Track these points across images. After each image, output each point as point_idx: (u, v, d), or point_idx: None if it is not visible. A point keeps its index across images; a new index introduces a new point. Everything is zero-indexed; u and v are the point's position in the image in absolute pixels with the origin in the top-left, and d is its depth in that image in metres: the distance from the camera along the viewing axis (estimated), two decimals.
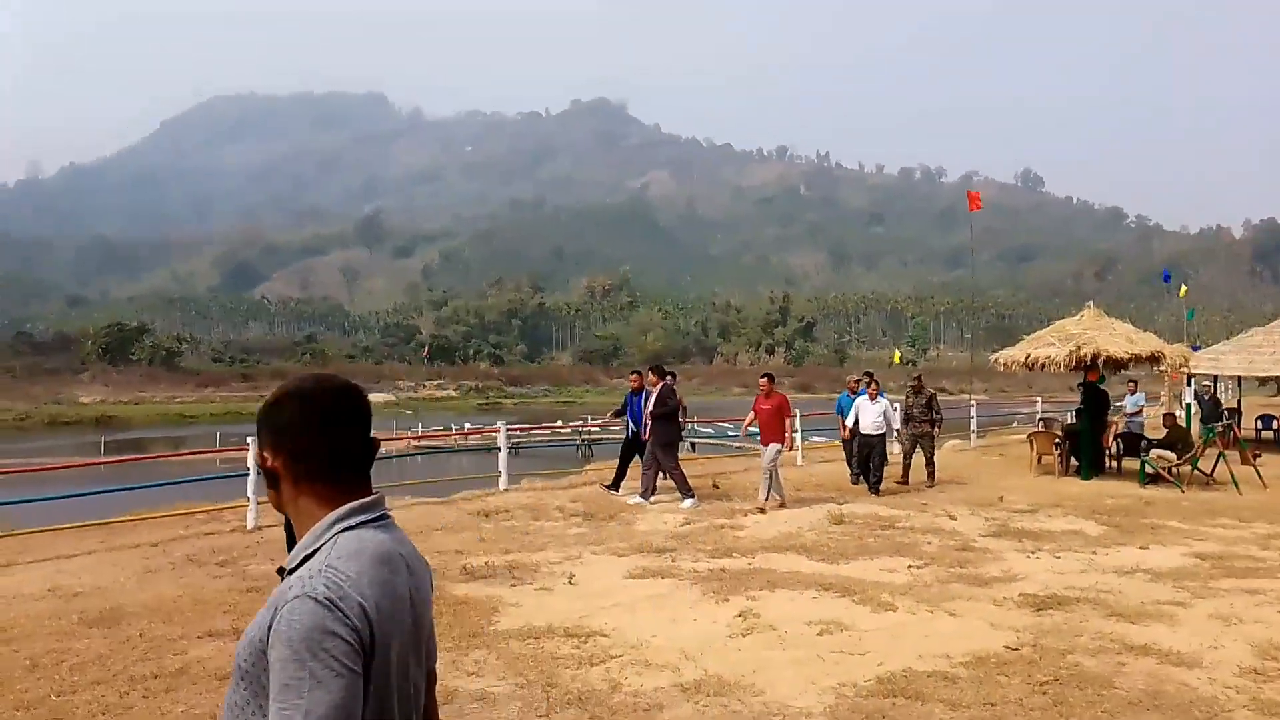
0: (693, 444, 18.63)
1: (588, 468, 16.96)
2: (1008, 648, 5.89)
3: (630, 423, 12.53)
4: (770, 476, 11.21)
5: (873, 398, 13.13)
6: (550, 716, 4.74)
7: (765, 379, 11.79)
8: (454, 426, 38.07)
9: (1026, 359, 15.86)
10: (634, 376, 12.74)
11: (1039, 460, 16.02)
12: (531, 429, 31.66)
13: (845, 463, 14.45)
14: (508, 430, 14.55)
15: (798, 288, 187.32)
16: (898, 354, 60.45)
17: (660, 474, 11.92)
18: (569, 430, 35.09)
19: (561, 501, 12.01)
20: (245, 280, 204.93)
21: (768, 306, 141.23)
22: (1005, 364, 16.46)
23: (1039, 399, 29.06)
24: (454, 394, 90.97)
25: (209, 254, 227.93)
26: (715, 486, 13.41)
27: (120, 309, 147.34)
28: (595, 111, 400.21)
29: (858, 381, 14.27)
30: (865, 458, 13.16)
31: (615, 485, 12.44)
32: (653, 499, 11.63)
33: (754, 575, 7.80)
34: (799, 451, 17.74)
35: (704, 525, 10.33)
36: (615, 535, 9.83)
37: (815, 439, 21.78)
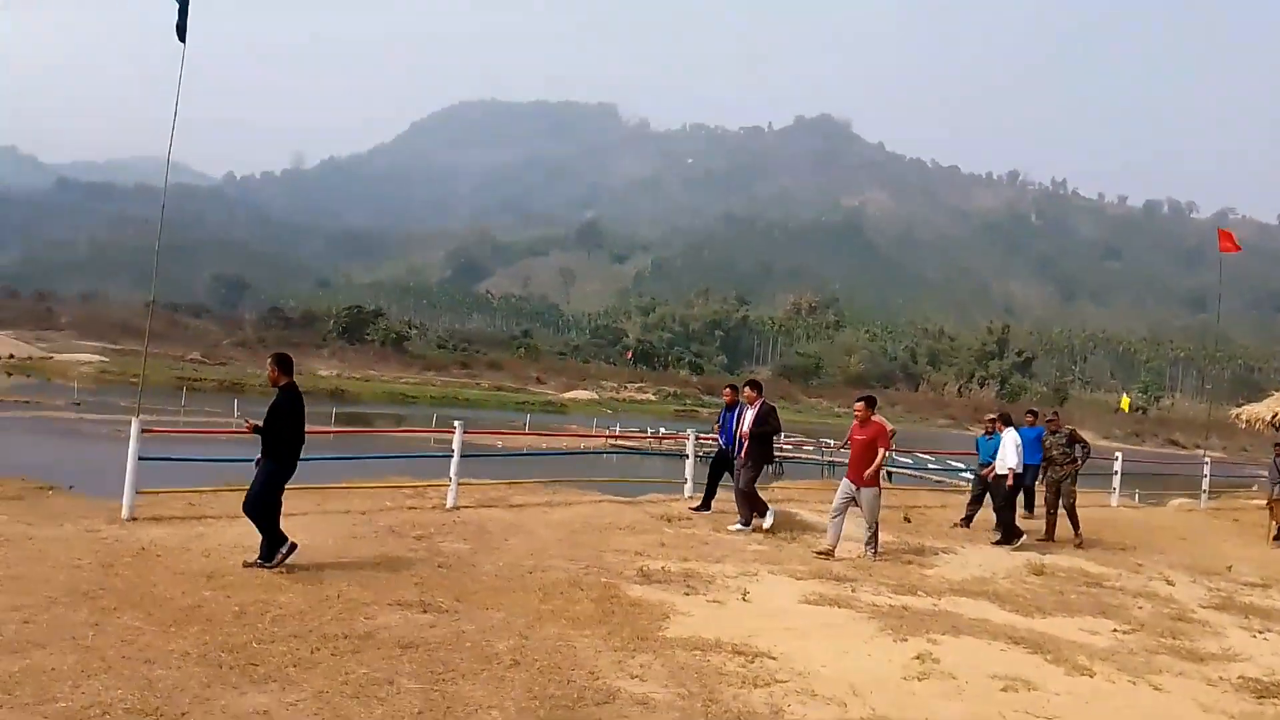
0: (889, 473, 17.93)
1: (775, 484, 16.73)
2: None
3: (721, 439, 11.81)
4: (875, 528, 9.79)
5: (989, 435, 12.06)
6: None
7: (861, 403, 10.16)
8: (650, 430, 38.60)
9: (1274, 417, 14.18)
10: (728, 391, 12.03)
11: (1279, 530, 14.30)
12: (804, 444, 31.38)
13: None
14: (697, 438, 14.55)
15: (1018, 320, 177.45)
16: (1127, 399, 55.69)
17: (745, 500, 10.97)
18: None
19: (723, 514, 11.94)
20: (472, 275, 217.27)
21: (984, 336, 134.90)
22: (1249, 420, 14.80)
23: None
24: (653, 398, 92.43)
25: (442, 248, 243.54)
26: (907, 520, 12.84)
27: (360, 293, 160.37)
28: (817, 128, 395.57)
29: (992, 422, 12.61)
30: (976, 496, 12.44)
31: (705, 505, 11.77)
32: (756, 523, 10.79)
33: (938, 617, 7.38)
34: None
35: (890, 559, 9.90)
36: (795, 557, 9.59)
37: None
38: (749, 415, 10.94)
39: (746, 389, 11.21)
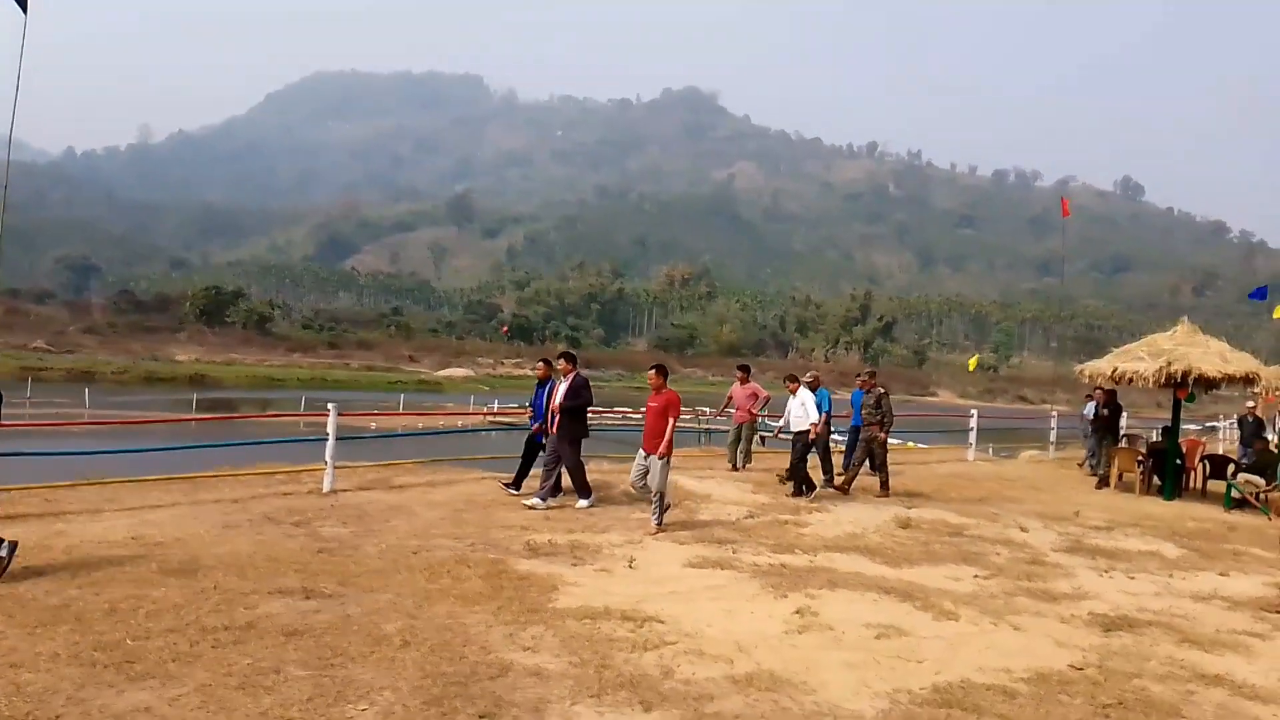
0: (762, 438, 18.44)
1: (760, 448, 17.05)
2: (1072, 667, 5.70)
3: (532, 416, 11.24)
4: (661, 498, 9.39)
5: (794, 393, 12.07)
6: (601, 697, 4.75)
7: (653, 371, 9.86)
8: (529, 405, 38.39)
9: (1114, 373, 15.24)
10: (540, 365, 11.31)
11: (1120, 477, 15.46)
12: (604, 412, 31.78)
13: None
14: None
15: (881, 287, 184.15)
16: (975, 359, 58.79)
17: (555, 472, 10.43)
18: (639, 416, 35.18)
19: (628, 485, 12.06)
20: (339, 252, 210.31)
21: (848, 304, 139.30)
22: (1090, 376, 15.87)
23: (1124, 414, 28.03)
24: (531, 373, 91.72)
25: (306, 225, 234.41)
26: (782, 482, 13.26)
27: (219, 273, 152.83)
28: (685, 101, 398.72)
29: (859, 378, 13.71)
30: (794, 460, 11.98)
31: (516, 484, 11.11)
32: (550, 501, 10.22)
33: (815, 573, 7.70)
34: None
35: (767, 520, 10.23)
36: (678, 522, 9.80)
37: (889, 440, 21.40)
38: (561, 389, 10.41)
39: (561, 361, 10.60)
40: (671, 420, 9.39)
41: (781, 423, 12.41)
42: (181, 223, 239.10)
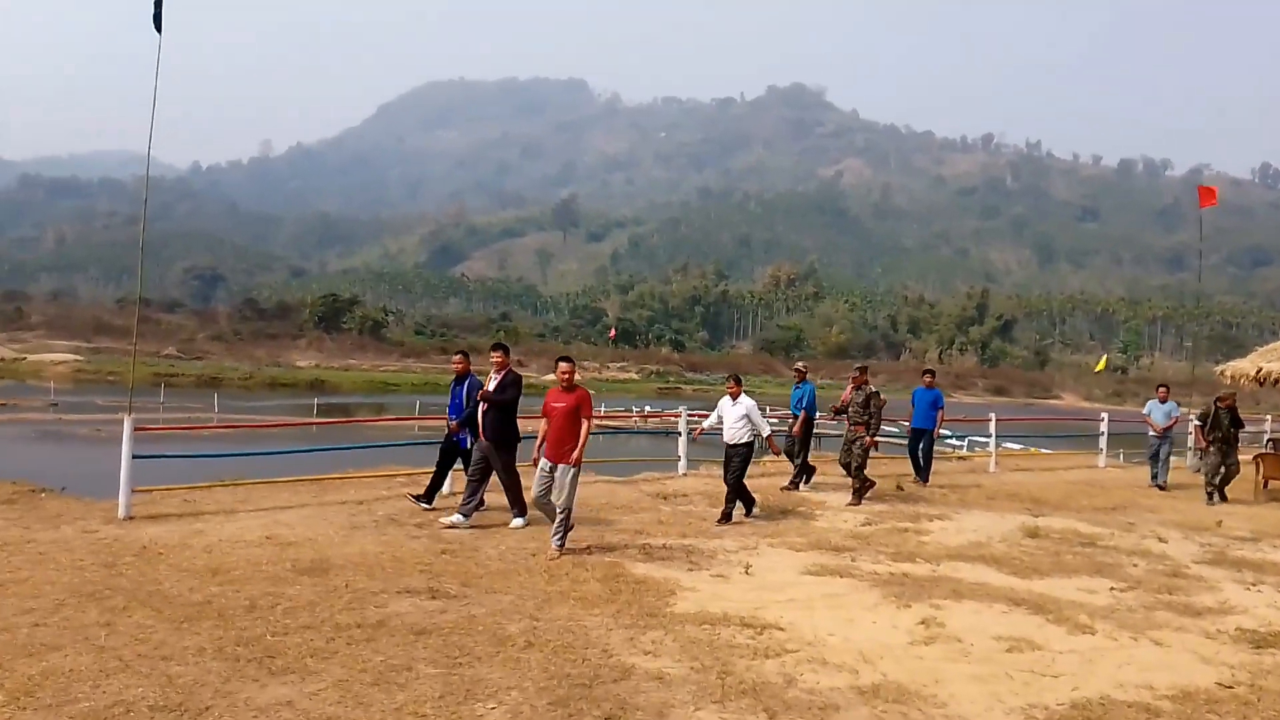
0: (876, 443, 18.12)
1: (766, 459, 16.90)
2: (1220, 685, 5.42)
3: (450, 418, 9.88)
4: (566, 516, 8.05)
5: (734, 398, 10.49)
6: (725, 704, 4.76)
7: (564, 363, 8.34)
8: (634, 408, 38.74)
9: (1258, 373, 14.41)
10: (458, 359, 10.01)
11: (1265, 485, 14.59)
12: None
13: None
14: (689, 416, 14.67)
15: (998, 284, 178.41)
16: (1104, 360, 56.12)
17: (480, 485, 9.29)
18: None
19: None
20: (448, 258, 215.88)
21: (963, 302, 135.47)
22: (1234, 376, 15.03)
23: (1268, 418, 26.42)
24: (635, 376, 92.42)
25: (417, 233, 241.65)
26: (899, 489, 13.03)
27: (335, 281, 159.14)
28: (790, 97, 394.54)
29: (800, 372, 13.50)
30: (732, 477, 10.24)
31: (428, 497, 9.75)
32: (474, 517, 9.11)
33: (938, 583, 7.53)
34: (993, 458, 16.93)
35: (885, 527, 10.06)
36: (792, 530, 9.74)
37: (1009, 445, 20.80)
38: (491, 384, 9.23)
39: (494, 353, 9.39)
40: (586, 423, 8.09)
41: (706, 424, 10.87)
42: (299, 233, 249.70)
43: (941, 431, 15.38)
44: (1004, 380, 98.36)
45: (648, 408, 38.62)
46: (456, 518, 8.94)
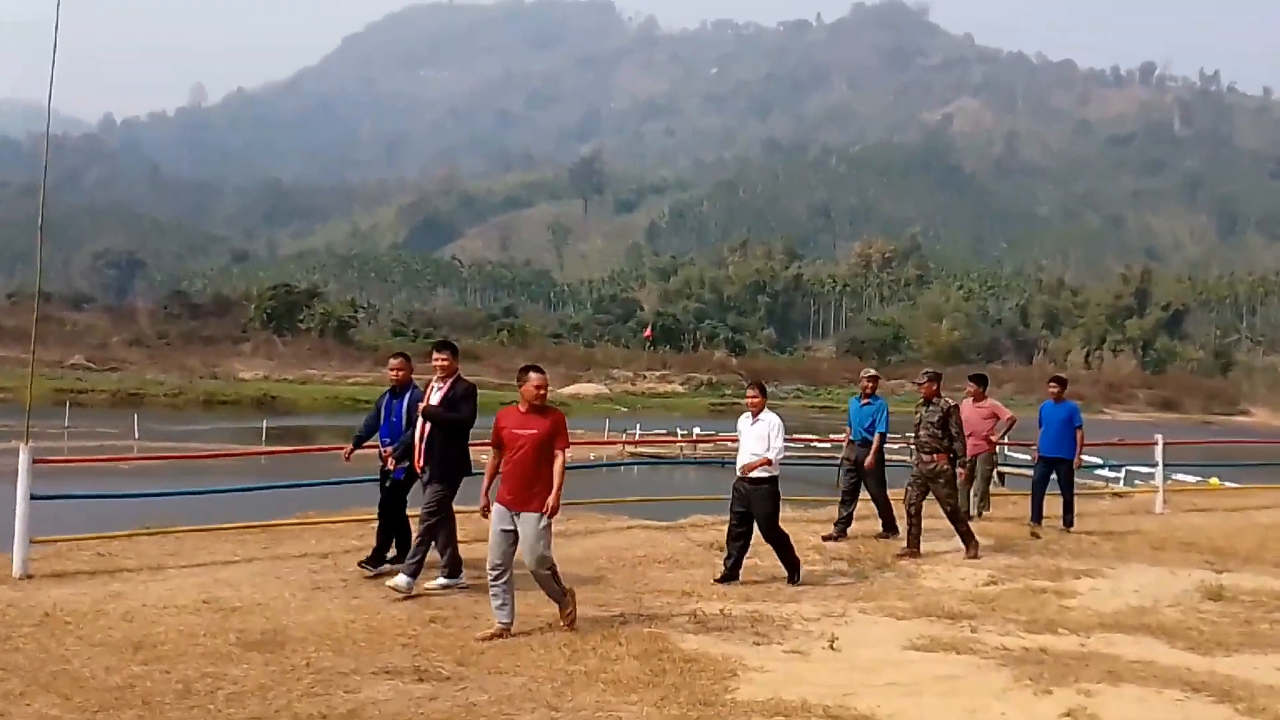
0: (1001, 475, 18.00)
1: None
2: None
3: (381, 445, 9.61)
4: (553, 575, 7.83)
5: (755, 413, 10.36)
6: None
7: (536, 374, 7.87)
8: (680, 431, 38.76)
9: None
10: (395, 363, 9.77)
11: None
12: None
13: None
14: None
15: (1164, 264, 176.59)
16: None
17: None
18: (829, 445, 34.87)
19: (799, 538, 12.04)
20: (435, 237, 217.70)
21: (1118, 288, 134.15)
22: None
23: None
24: (680, 389, 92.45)
25: (395, 203, 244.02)
26: (1035, 536, 12.92)
27: (289, 267, 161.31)
28: (884, 18, 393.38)
29: (872, 381, 13.29)
30: (740, 518, 10.05)
31: (375, 560, 9.48)
32: (449, 577, 9.04)
33: (1088, 661, 7.45)
34: (1159, 494, 16.72)
35: (1016, 588, 9.97)
36: (893, 590, 9.69)
37: (1180, 477, 20.53)
38: (434, 396, 9.01)
39: (438, 355, 9.16)
40: (561, 455, 7.71)
41: (741, 460, 10.34)
42: (242, 205, 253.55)
43: (1084, 459, 15.17)
44: (1173, 391, 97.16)
45: (697, 430, 38.55)
46: (400, 580, 8.71)
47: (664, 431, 40.95)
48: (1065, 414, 14.13)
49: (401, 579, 8.71)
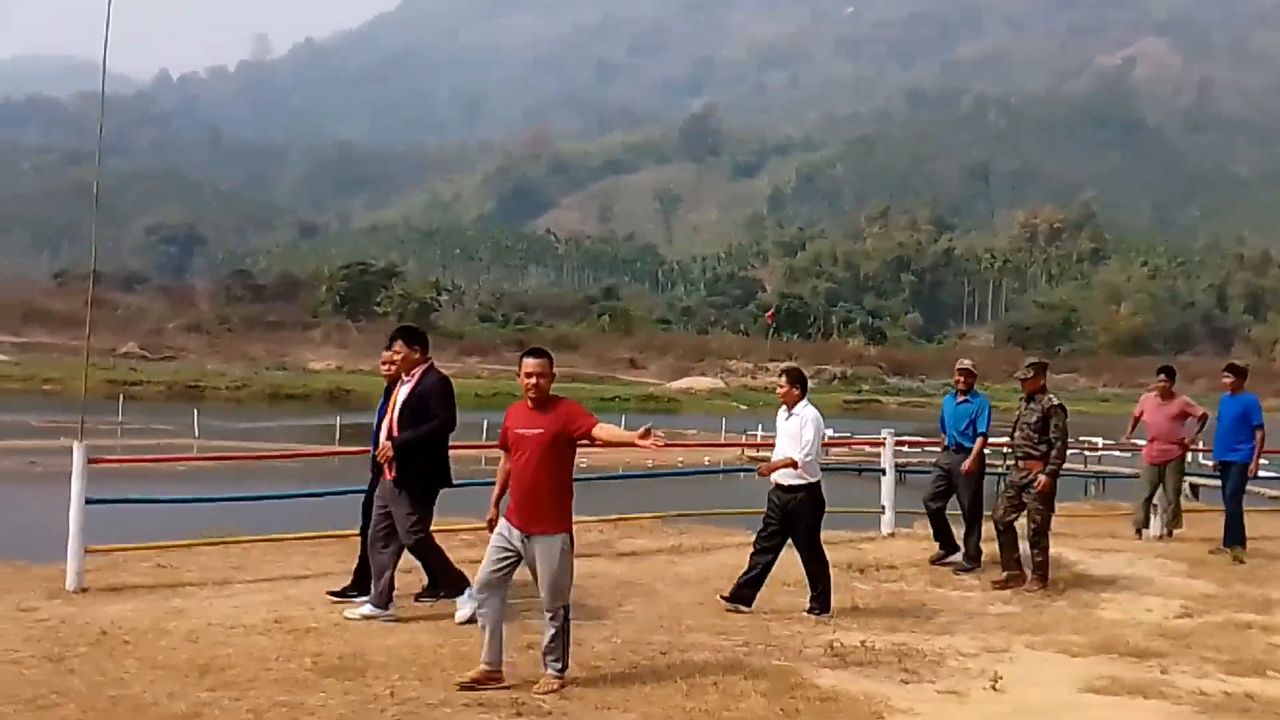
0: (1194, 488, 17.59)
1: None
2: None
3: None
4: (565, 619, 7.35)
5: (789, 406, 10.21)
6: None
7: (532, 359, 7.43)
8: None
9: None
10: (393, 351, 9.11)
11: None
12: (929, 444, 31.28)
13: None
14: (896, 445, 14.51)
15: None
16: None
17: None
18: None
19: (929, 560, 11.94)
20: (525, 208, 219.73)
21: None
22: None
23: None
24: (810, 382, 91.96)
25: (480, 170, 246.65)
26: (1238, 561, 12.60)
27: (362, 243, 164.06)
28: None
29: (967, 375, 12.43)
30: (774, 530, 9.94)
31: (350, 591, 9.28)
32: (392, 608, 8.75)
33: None
34: None
35: (1215, 621, 9.75)
36: (1065, 622, 9.53)
37: None
38: (401, 394, 8.88)
39: (399, 344, 8.90)
40: (597, 423, 7.42)
41: (777, 455, 10.31)
42: (310, 171, 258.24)
43: (1263, 465, 14.55)
44: None
45: (829, 432, 38.21)
46: (368, 608, 8.63)
47: None
48: (1239, 410, 13.53)
49: (369, 606, 8.60)
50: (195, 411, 39.28)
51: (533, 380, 7.27)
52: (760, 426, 42.58)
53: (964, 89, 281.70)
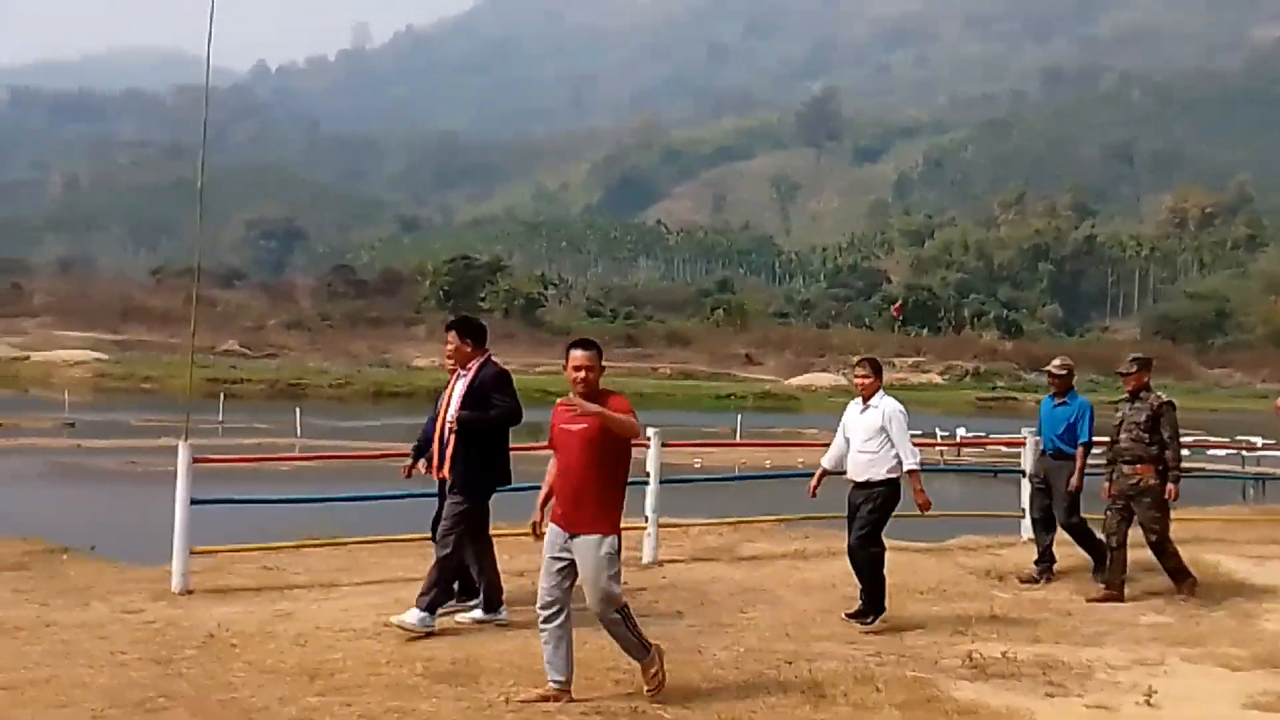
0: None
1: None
2: None
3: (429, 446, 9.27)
4: (625, 619, 7.10)
5: (866, 398, 9.85)
6: None
7: (579, 351, 7.19)
8: (940, 433, 38.14)
9: None
10: (449, 340, 9.10)
11: None
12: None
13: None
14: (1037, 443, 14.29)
15: None
16: None
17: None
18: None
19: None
20: (635, 197, 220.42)
21: None
22: None
23: None
24: (939, 379, 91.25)
25: (587, 159, 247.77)
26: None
27: (466, 236, 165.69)
28: None
29: (1064, 374, 11.86)
30: (856, 543, 9.62)
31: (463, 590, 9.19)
32: (439, 615, 8.60)
33: None
34: None
35: None
36: (1224, 634, 9.32)
37: None
38: (458, 389, 8.94)
39: (452, 335, 9.00)
40: (628, 418, 7.06)
41: (826, 460, 10.29)
42: (411, 164, 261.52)
43: None
44: None
45: (962, 432, 37.89)
46: (412, 616, 8.41)
47: (919, 433, 40.28)
48: None
49: (413, 615, 8.34)
50: (298, 410, 39.95)
51: (581, 374, 7.11)
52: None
53: (1105, 66, 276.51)
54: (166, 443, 10.87)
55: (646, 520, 11.29)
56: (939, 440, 36.08)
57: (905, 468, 9.44)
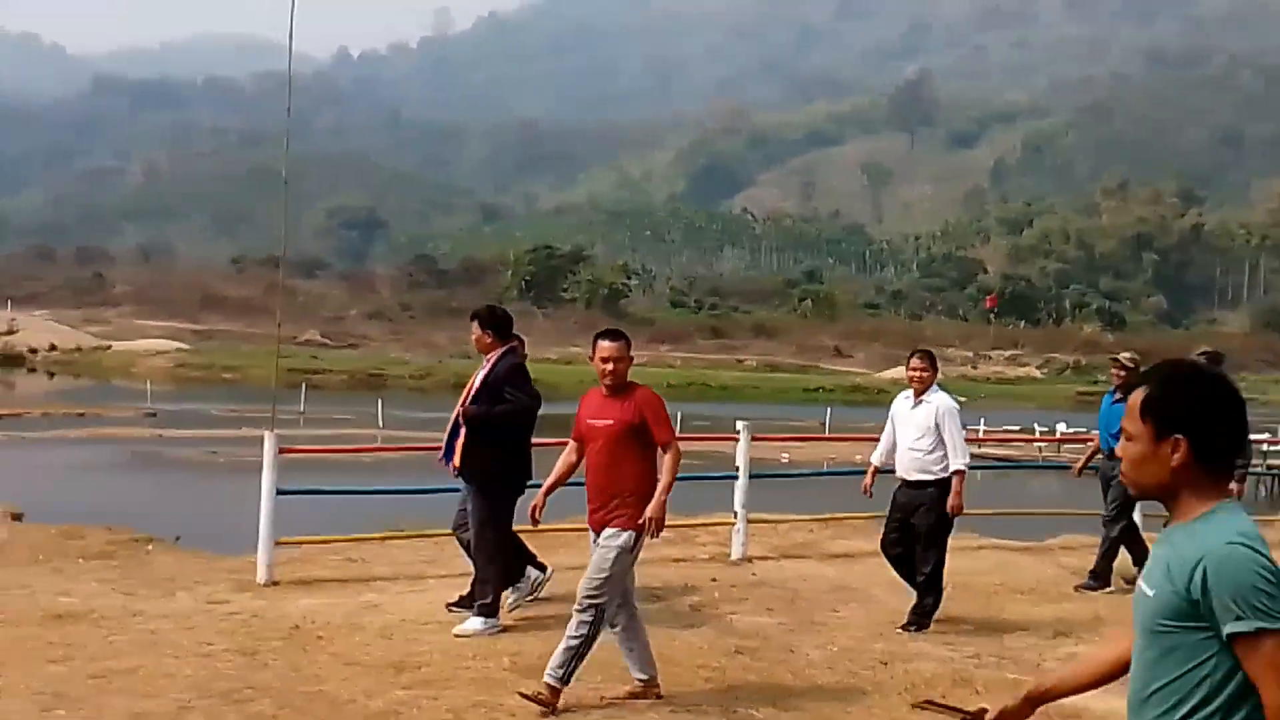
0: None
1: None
2: None
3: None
4: (628, 628, 7.10)
5: (917, 392, 9.40)
6: None
7: (607, 341, 7.27)
8: (1039, 428, 37.72)
9: None
10: (472, 330, 9.17)
11: None
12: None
13: None
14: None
15: None
16: None
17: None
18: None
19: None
20: (720, 185, 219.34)
21: None
22: None
23: None
24: (1038, 373, 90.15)
25: (671, 147, 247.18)
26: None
27: (548, 225, 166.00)
28: None
29: (1130, 368, 11.09)
30: (898, 534, 9.36)
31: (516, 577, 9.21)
32: (515, 604, 8.90)
33: None
34: None
35: None
36: None
37: None
38: (477, 379, 8.91)
39: (474, 325, 9.04)
40: (669, 453, 7.01)
41: (876, 456, 9.88)
42: (492, 151, 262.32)
43: None
44: None
45: (1061, 427, 37.41)
46: (471, 624, 8.35)
47: (1016, 428, 39.90)
48: None
49: (473, 622, 8.33)
50: (379, 401, 40.35)
51: (609, 365, 7.09)
52: (983, 421, 41.88)
53: (1213, 48, 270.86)
54: (248, 433, 11.00)
55: (735, 516, 11.29)
56: (1037, 436, 35.76)
57: (952, 468, 9.09)
